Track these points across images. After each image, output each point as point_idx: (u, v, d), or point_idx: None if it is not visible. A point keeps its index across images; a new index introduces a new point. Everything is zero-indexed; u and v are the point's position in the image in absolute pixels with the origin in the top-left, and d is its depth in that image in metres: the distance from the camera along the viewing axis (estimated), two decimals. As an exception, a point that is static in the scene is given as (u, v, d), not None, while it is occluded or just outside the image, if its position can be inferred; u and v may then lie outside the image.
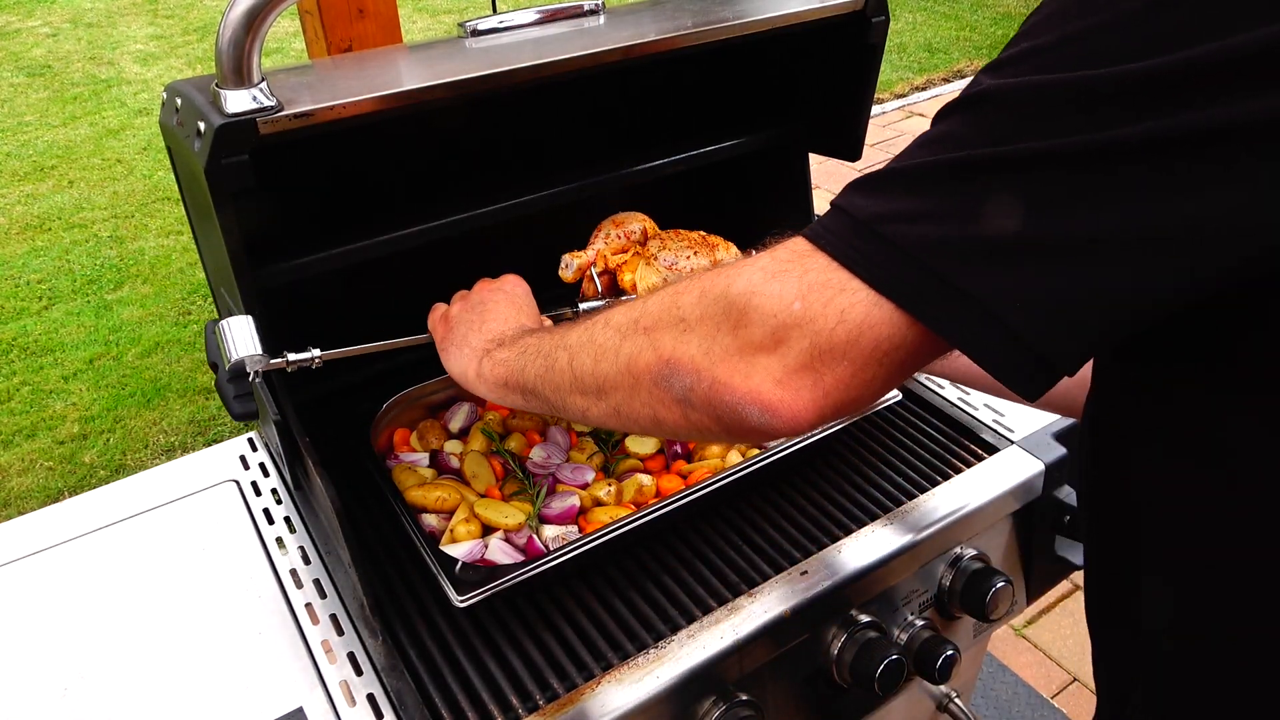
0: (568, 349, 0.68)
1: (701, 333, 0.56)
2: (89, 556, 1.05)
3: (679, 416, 0.58)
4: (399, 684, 0.88)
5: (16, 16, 7.25)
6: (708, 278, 0.57)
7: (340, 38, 1.51)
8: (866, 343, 0.50)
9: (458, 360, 0.86)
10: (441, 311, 0.95)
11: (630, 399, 0.61)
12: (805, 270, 0.52)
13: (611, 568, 1.01)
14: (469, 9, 7.30)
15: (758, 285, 0.53)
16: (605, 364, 0.63)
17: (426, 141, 1.16)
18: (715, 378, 0.55)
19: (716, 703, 0.89)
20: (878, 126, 5.05)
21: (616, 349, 0.62)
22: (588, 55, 0.93)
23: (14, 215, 4.34)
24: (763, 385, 0.53)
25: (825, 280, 0.51)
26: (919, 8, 6.95)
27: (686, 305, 0.57)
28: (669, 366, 0.57)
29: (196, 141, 0.79)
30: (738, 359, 0.54)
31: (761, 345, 0.53)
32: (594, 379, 0.64)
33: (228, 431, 3.00)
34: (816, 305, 0.50)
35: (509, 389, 0.78)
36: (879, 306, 0.49)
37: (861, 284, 0.50)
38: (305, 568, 1.03)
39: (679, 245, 1.08)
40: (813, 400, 0.52)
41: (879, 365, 0.51)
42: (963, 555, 1.06)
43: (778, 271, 0.53)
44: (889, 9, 1.12)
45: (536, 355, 0.73)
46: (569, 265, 1.08)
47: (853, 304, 0.50)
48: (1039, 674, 2.13)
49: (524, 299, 0.92)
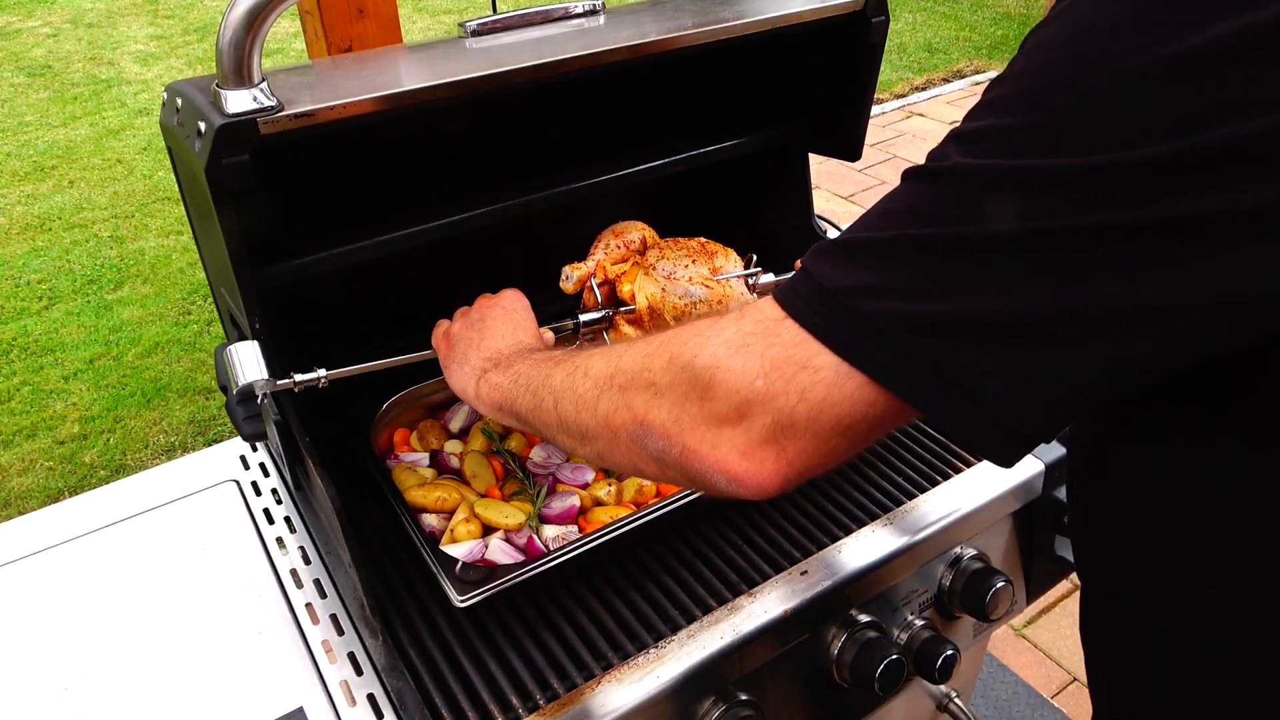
0: (553, 393, 0.70)
1: (671, 399, 0.57)
2: (89, 556, 1.05)
3: (656, 471, 0.61)
4: (399, 684, 0.88)
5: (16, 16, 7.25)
6: (678, 341, 0.58)
7: (340, 38, 1.51)
8: (828, 419, 0.51)
9: (458, 378, 0.88)
10: (444, 329, 0.97)
11: (611, 449, 0.63)
12: (770, 343, 0.53)
13: (611, 568, 1.01)
14: (469, 9, 7.30)
15: (722, 359, 0.54)
16: (586, 415, 0.65)
17: (427, 141, 1.16)
18: (685, 445, 0.56)
19: (716, 702, 0.89)
20: (878, 126, 5.05)
21: (595, 403, 0.64)
22: (588, 55, 0.93)
23: (14, 215, 4.34)
24: (728, 456, 0.54)
25: (789, 356, 0.52)
26: (919, 8, 6.95)
27: (657, 369, 0.59)
28: (643, 428, 0.59)
29: (197, 141, 0.79)
30: (705, 429, 0.55)
31: (726, 418, 0.54)
32: (577, 426, 0.66)
33: (228, 431, 3.00)
34: (778, 383, 0.52)
35: (504, 413, 0.80)
36: (848, 379, 0.50)
37: (830, 355, 0.50)
38: (305, 568, 1.03)
39: (677, 254, 1.08)
40: (776, 471, 0.54)
41: (841, 437, 0.52)
42: (962, 555, 1.06)
43: (742, 345, 0.54)
44: (889, 9, 1.12)
45: (525, 390, 0.75)
46: (569, 277, 1.08)
47: (815, 382, 0.51)
48: (1039, 674, 2.13)
49: (522, 314, 0.93)
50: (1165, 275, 0.42)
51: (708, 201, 1.50)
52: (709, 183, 1.46)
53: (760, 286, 1.14)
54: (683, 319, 1.04)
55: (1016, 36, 6.29)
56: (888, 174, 4.52)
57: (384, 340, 1.27)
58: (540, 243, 1.36)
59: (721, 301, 1.06)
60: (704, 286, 1.05)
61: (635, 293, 1.06)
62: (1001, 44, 6.19)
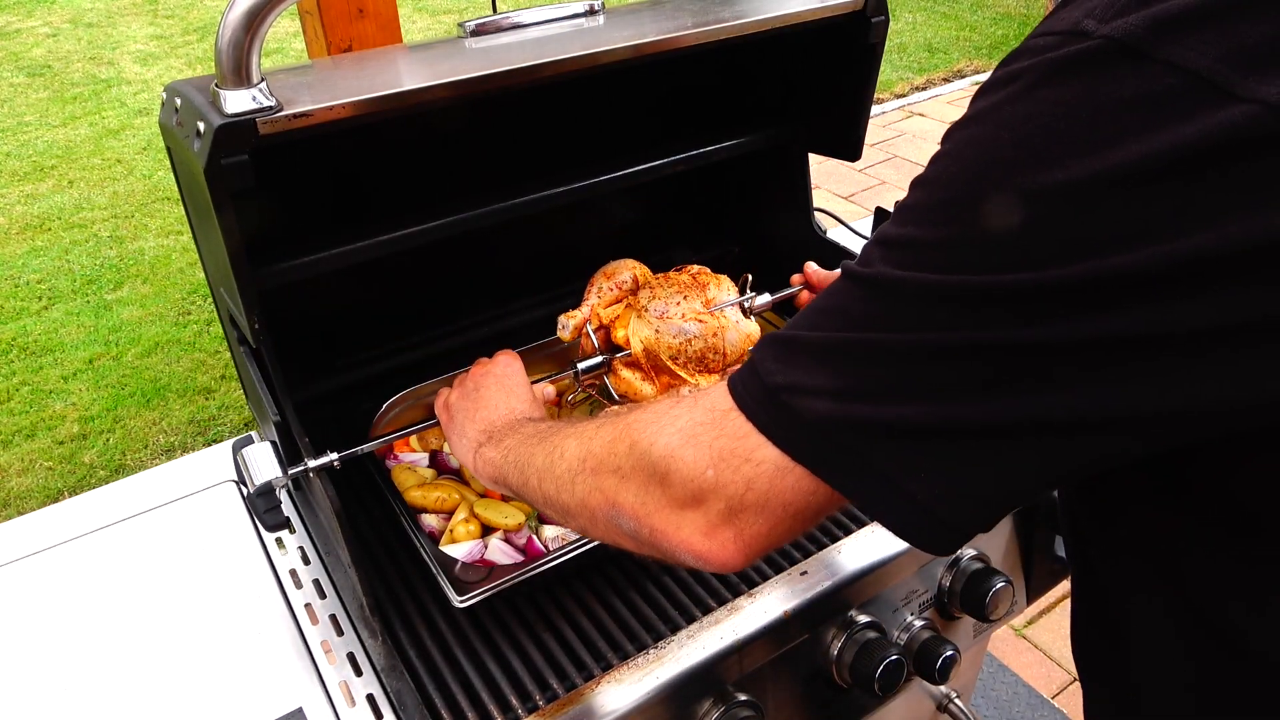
0: (536, 472, 0.74)
1: (636, 484, 0.61)
2: (89, 556, 1.05)
3: (633, 546, 0.65)
4: (398, 684, 0.88)
5: (16, 16, 7.25)
6: (638, 427, 0.62)
7: (340, 38, 1.51)
8: (776, 505, 0.54)
9: (458, 450, 0.92)
10: (444, 399, 1.00)
11: (591, 526, 0.68)
12: (718, 434, 0.56)
13: (611, 568, 1.01)
14: (469, 9, 7.30)
15: (675, 449, 0.57)
16: (565, 495, 0.69)
17: (426, 141, 1.16)
18: (653, 526, 0.60)
19: (716, 703, 0.89)
20: (878, 126, 5.05)
21: (571, 485, 0.68)
22: (587, 55, 0.93)
23: (14, 215, 4.34)
24: (692, 537, 0.58)
25: (734, 449, 0.54)
26: (919, 8, 6.95)
27: (620, 454, 0.63)
28: (615, 510, 0.63)
29: (196, 142, 0.78)
30: (669, 512, 0.59)
31: (685, 503, 0.58)
32: (559, 505, 0.71)
33: (228, 431, 3.00)
34: (727, 473, 0.55)
35: (498, 485, 0.84)
36: (789, 471, 0.53)
37: (772, 448, 0.53)
38: (305, 568, 1.03)
39: (669, 291, 1.08)
40: (738, 550, 0.57)
41: (793, 519, 0.55)
42: (962, 555, 1.06)
43: (693, 435, 0.57)
44: (889, 9, 1.12)
45: (514, 467, 0.79)
46: (565, 326, 1.09)
47: (759, 473, 0.53)
48: (1039, 674, 2.13)
49: (514, 380, 0.96)
50: (1073, 392, 0.44)
51: (708, 201, 1.49)
52: (709, 183, 1.45)
53: (756, 308, 1.14)
54: (680, 357, 1.06)
55: (1017, 36, 6.29)
56: (888, 174, 4.52)
57: (383, 341, 1.27)
58: (540, 243, 1.36)
59: (717, 334, 1.06)
60: (698, 321, 1.06)
61: (630, 337, 1.06)
62: (1001, 44, 6.20)
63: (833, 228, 1.43)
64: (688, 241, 1.51)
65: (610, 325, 1.10)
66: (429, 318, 1.29)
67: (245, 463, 0.84)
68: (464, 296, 1.32)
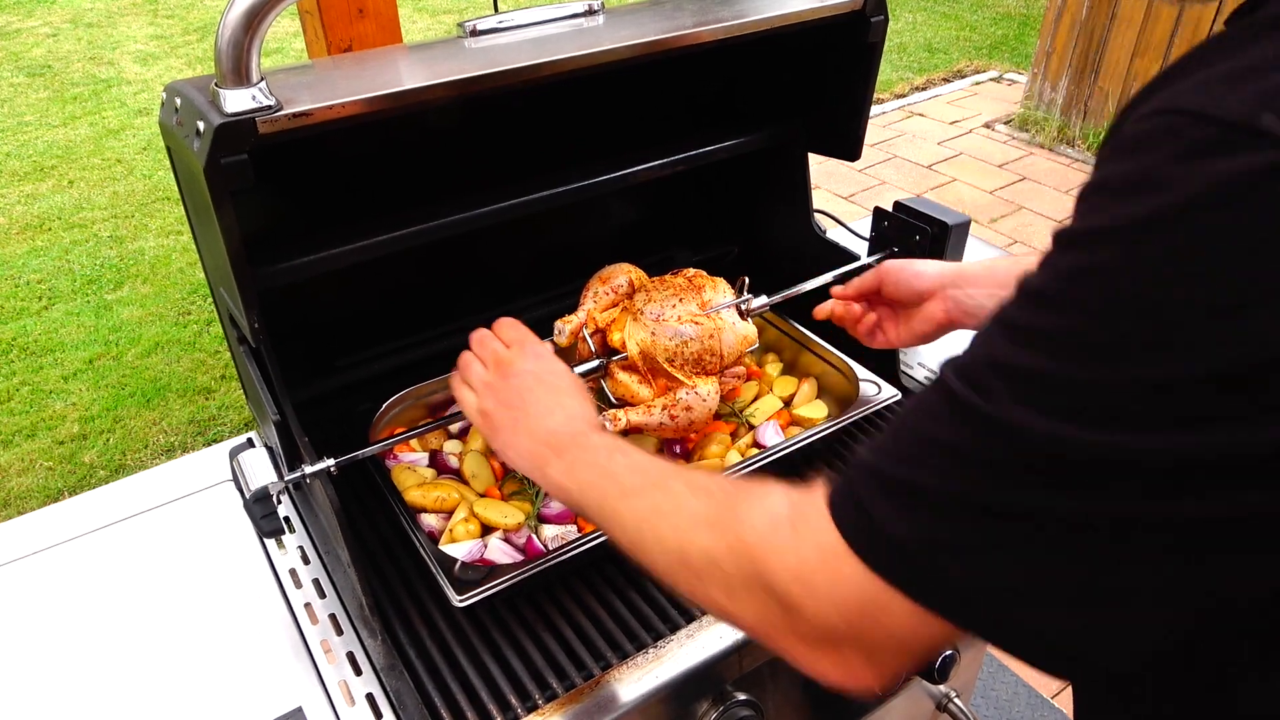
0: (625, 536, 0.69)
1: (755, 604, 0.56)
2: (89, 556, 1.05)
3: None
4: (398, 684, 0.88)
5: (16, 16, 7.25)
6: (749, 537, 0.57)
7: (340, 38, 1.52)
8: (917, 647, 0.51)
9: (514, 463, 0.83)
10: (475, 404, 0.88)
11: (704, 605, 0.63)
12: (837, 581, 0.51)
13: (611, 567, 1.01)
14: (469, 9, 7.30)
15: (794, 593, 0.53)
16: (672, 575, 0.64)
17: (426, 141, 1.16)
18: (782, 648, 0.56)
19: (716, 702, 0.89)
20: (878, 126, 5.05)
21: (675, 570, 0.63)
22: (587, 55, 0.93)
23: (14, 215, 4.34)
24: (829, 673, 0.54)
25: (864, 606, 0.51)
26: (919, 8, 6.95)
27: (728, 564, 0.58)
28: (729, 617, 0.59)
29: (196, 141, 0.78)
30: (797, 643, 0.55)
31: (817, 643, 0.54)
32: (665, 571, 0.65)
33: (228, 431, 3.00)
34: (861, 626, 0.51)
35: (572, 506, 0.80)
36: (933, 623, 0.49)
37: (909, 602, 0.49)
38: (304, 567, 1.03)
39: (664, 294, 1.08)
40: (877, 679, 0.53)
41: (928, 650, 0.52)
42: (962, 555, 1.05)
43: (809, 580, 0.53)
44: (889, 9, 1.12)
45: (595, 510, 0.73)
46: (562, 331, 1.09)
47: (898, 623, 0.50)
48: (1039, 674, 2.13)
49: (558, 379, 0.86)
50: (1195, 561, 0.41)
51: (707, 202, 1.50)
52: (708, 183, 1.45)
53: (753, 310, 1.14)
54: (676, 359, 1.05)
55: (1017, 36, 6.30)
56: (888, 174, 4.52)
57: (383, 341, 1.27)
58: (539, 242, 1.36)
59: (713, 336, 1.06)
60: (694, 324, 1.06)
61: (625, 340, 1.06)
62: (1001, 44, 6.20)
63: (832, 228, 1.43)
64: (687, 241, 1.51)
65: (606, 329, 1.10)
66: (428, 318, 1.29)
67: (241, 469, 0.85)
68: (463, 296, 1.32)
